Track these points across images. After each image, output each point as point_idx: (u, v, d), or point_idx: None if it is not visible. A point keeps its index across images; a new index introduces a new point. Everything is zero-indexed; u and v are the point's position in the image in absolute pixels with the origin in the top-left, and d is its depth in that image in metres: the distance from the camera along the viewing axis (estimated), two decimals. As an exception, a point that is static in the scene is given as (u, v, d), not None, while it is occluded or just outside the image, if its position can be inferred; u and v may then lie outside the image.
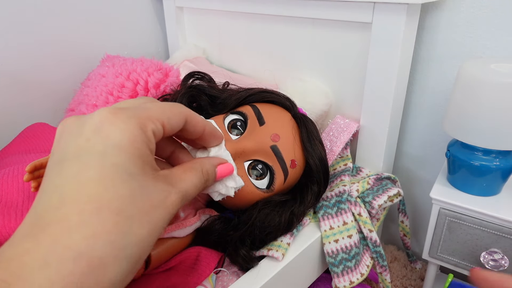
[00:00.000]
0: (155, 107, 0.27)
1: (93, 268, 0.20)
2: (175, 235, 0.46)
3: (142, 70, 0.70)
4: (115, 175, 0.22)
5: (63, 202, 0.21)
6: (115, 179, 0.22)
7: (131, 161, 0.23)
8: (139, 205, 0.23)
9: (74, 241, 0.20)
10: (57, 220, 0.21)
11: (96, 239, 0.20)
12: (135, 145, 0.23)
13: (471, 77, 0.49)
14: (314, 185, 0.53)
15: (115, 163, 0.22)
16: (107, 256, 0.21)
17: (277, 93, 0.55)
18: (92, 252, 0.20)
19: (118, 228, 0.21)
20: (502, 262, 0.51)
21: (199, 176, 0.30)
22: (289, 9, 0.68)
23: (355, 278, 0.55)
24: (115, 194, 0.22)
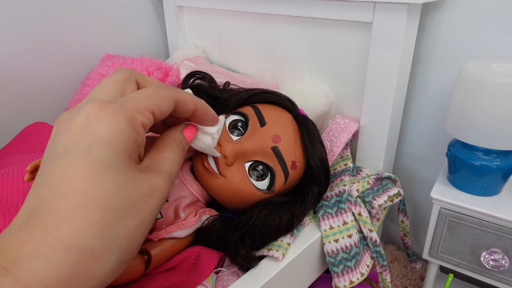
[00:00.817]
0: (144, 95, 0.26)
1: (84, 258, 0.22)
2: (176, 235, 0.46)
3: (142, 69, 0.70)
4: (100, 170, 0.23)
5: (54, 196, 0.22)
6: (101, 174, 0.23)
7: (116, 156, 0.24)
8: (126, 197, 0.24)
9: (64, 233, 0.21)
10: (48, 213, 0.22)
11: (85, 231, 0.22)
12: (121, 139, 0.24)
13: (472, 77, 0.49)
14: (314, 186, 0.53)
15: (100, 158, 0.23)
16: (97, 247, 0.22)
17: (278, 94, 0.55)
18: (81, 243, 0.22)
19: (106, 220, 0.22)
20: (503, 262, 0.51)
21: (175, 150, 0.30)
22: (289, 8, 0.68)
23: (355, 278, 0.55)
24: (101, 188, 0.23)
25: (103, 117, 0.24)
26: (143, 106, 0.26)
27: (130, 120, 0.24)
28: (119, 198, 0.23)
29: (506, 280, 0.53)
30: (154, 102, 0.26)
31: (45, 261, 0.21)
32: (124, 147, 0.24)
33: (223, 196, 0.50)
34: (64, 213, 0.22)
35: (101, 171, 0.23)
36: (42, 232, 0.21)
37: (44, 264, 0.21)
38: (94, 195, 0.22)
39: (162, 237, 0.46)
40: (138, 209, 0.24)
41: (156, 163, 0.27)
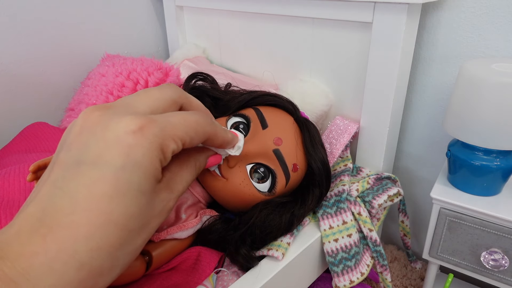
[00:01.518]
0: (183, 124, 0.26)
1: (92, 276, 0.22)
2: (177, 236, 0.46)
3: (142, 69, 0.70)
4: (128, 193, 0.23)
5: (74, 209, 0.22)
6: (127, 197, 0.23)
7: (146, 180, 0.24)
8: (143, 220, 0.24)
9: (79, 252, 0.21)
10: (66, 226, 0.21)
11: (99, 252, 0.22)
12: (154, 165, 0.24)
13: (472, 77, 0.49)
14: (315, 188, 0.53)
15: (131, 181, 0.23)
16: (106, 265, 0.22)
17: (280, 97, 0.55)
18: (93, 262, 0.22)
19: (120, 241, 0.23)
20: (503, 262, 0.51)
21: (192, 172, 0.30)
22: (290, 8, 0.68)
23: (355, 278, 0.55)
24: (125, 210, 0.22)
25: (142, 141, 0.23)
26: (179, 135, 0.26)
27: (164, 148, 0.24)
28: (137, 221, 0.23)
29: (506, 280, 0.53)
30: (190, 135, 0.26)
31: (56, 278, 0.20)
32: (154, 173, 0.24)
33: (224, 198, 0.50)
34: (82, 230, 0.21)
35: (129, 194, 0.23)
36: (56, 247, 0.21)
37: (54, 281, 0.20)
38: (116, 217, 0.22)
39: (163, 238, 0.46)
40: (148, 228, 0.25)
41: (174, 182, 0.28)
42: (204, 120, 0.28)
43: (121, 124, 0.23)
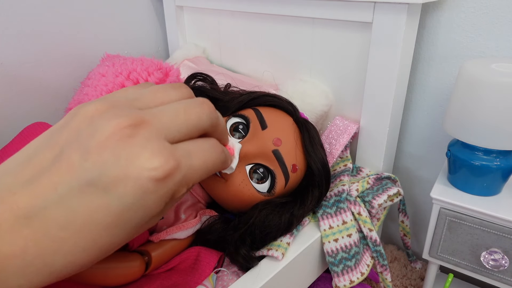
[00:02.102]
0: (204, 169, 0.26)
1: (60, 279, 0.22)
2: (176, 237, 0.46)
3: (142, 69, 0.70)
4: (124, 227, 0.23)
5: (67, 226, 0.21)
6: (121, 229, 0.23)
7: (145, 219, 0.23)
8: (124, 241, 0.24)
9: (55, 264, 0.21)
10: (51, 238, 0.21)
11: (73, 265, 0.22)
12: (159, 208, 0.24)
13: (471, 77, 0.49)
14: (315, 189, 0.53)
15: (132, 217, 0.22)
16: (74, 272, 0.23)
17: (279, 97, 0.55)
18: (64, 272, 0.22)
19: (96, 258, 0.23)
20: (503, 262, 0.51)
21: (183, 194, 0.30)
22: (289, 8, 0.68)
23: (355, 278, 0.55)
24: (113, 240, 0.23)
25: (160, 189, 0.22)
26: (193, 181, 0.25)
27: (176, 195, 0.24)
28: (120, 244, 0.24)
29: (506, 280, 0.53)
30: (202, 178, 0.26)
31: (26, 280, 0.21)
32: (157, 212, 0.24)
33: (223, 198, 0.50)
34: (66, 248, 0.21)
35: (124, 227, 0.23)
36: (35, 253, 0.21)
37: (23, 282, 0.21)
38: (101, 243, 0.22)
39: (163, 239, 0.46)
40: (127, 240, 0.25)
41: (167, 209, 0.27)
42: (220, 161, 0.28)
43: (148, 165, 0.22)
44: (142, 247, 0.45)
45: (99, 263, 0.40)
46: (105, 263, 0.41)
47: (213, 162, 0.27)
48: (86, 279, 0.40)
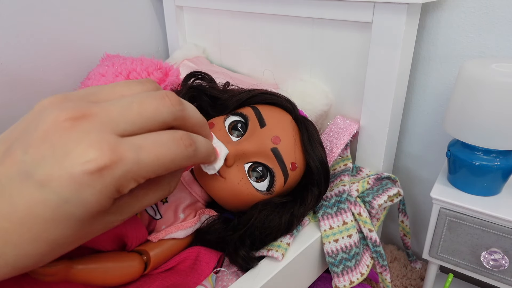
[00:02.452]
0: (155, 163, 0.25)
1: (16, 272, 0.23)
2: (175, 236, 0.46)
3: (142, 69, 0.70)
4: (65, 221, 0.22)
5: (10, 217, 0.22)
6: (64, 223, 0.22)
7: (87, 214, 0.23)
8: (77, 238, 0.24)
9: (6, 254, 0.22)
10: None
11: (27, 257, 0.23)
12: (101, 203, 0.23)
13: (471, 77, 0.49)
14: (314, 187, 0.53)
15: (72, 212, 0.22)
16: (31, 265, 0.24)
17: (278, 95, 0.55)
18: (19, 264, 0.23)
19: (49, 252, 0.23)
20: (503, 262, 0.51)
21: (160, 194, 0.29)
22: (289, 8, 0.68)
23: (355, 278, 0.55)
24: (57, 234, 0.23)
25: (97, 183, 0.22)
26: (145, 176, 0.24)
27: (121, 189, 0.23)
28: (69, 240, 0.23)
29: (506, 280, 0.53)
30: (158, 173, 0.25)
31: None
32: (100, 208, 0.23)
33: (222, 197, 0.50)
34: (12, 239, 0.22)
35: (66, 222, 0.22)
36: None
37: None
38: (47, 237, 0.22)
39: (162, 238, 0.46)
40: (84, 239, 0.25)
41: (129, 206, 0.27)
42: (183, 156, 0.26)
43: (82, 158, 0.22)
44: (140, 246, 0.45)
45: (97, 263, 0.40)
46: (104, 263, 0.41)
47: (171, 157, 0.25)
48: (85, 279, 0.40)
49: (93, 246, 0.42)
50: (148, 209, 0.47)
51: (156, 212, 0.48)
